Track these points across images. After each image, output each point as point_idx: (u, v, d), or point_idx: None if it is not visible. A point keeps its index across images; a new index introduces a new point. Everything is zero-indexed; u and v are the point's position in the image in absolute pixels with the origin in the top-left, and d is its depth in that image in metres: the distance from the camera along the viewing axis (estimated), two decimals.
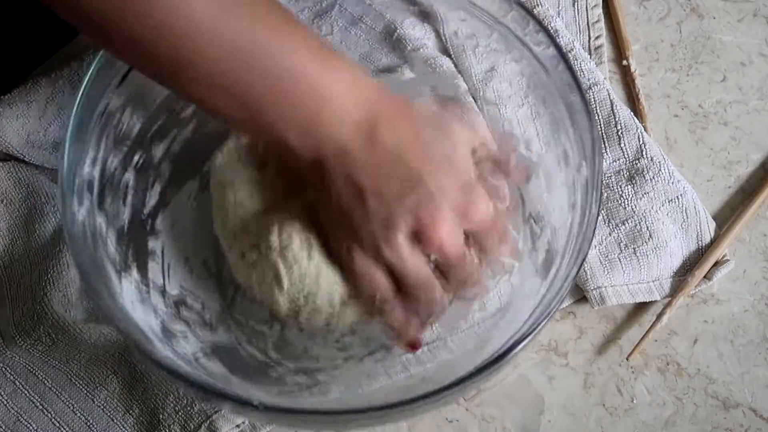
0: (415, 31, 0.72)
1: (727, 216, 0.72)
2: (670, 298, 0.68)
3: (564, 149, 0.63)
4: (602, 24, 0.79)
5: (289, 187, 0.60)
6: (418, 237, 0.55)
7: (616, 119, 0.72)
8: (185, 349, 0.61)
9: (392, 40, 0.71)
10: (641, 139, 0.71)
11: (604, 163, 0.71)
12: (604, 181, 0.69)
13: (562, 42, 0.75)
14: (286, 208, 0.59)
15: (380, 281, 0.56)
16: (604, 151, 0.72)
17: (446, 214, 0.54)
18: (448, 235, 0.55)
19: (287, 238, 0.58)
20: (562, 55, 0.61)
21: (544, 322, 0.54)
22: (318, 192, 0.56)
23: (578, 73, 0.73)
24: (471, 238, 0.57)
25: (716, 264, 0.69)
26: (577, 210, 0.59)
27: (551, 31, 0.75)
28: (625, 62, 0.78)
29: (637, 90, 0.77)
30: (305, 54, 0.51)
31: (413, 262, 0.56)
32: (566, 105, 0.62)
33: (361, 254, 0.56)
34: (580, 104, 0.60)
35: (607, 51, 0.78)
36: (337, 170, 0.54)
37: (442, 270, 0.57)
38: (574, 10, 0.79)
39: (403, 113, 0.55)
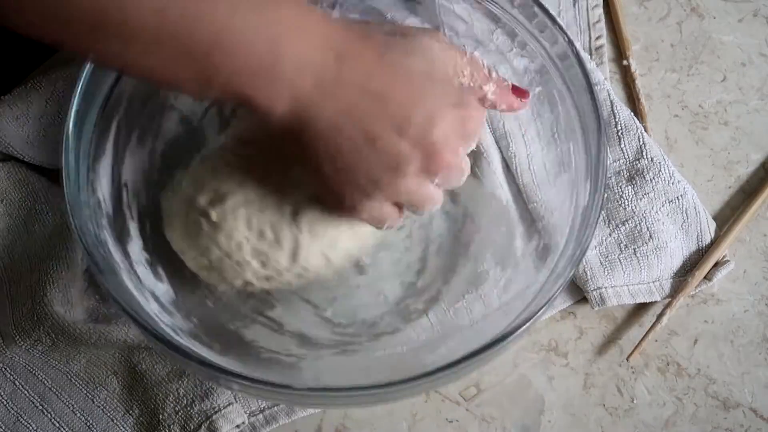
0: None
1: (727, 216, 0.72)
2: (670, 299, 0.68)
3: (568, 147, 0.63)
4: (603, 24, 0.79)
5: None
6: (425, 170, 0.53)
7: (616, 119, 0.72)
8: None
9: None
10: (641, 140, 0.71)
11: None
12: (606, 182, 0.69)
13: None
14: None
15: (390, 216, 0.55)
16: None
17: (448, 139, 0.52)
18: (452, 158, 0.53)
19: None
20: (575, 53, 0.61)
21: (537, 315, 0.55)
22: (301, 151, 0.52)
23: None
24: None
25: (716, 265, 0.69)
26: (579, 208, 0.60)
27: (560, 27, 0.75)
28: (625, 62, 0.78)
29: (637, 90, 0.77)
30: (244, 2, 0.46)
31: (423, 193, 0.54)
32: (576, 106, 0.62)
33: (368, 203, 0.54)
34: (589, 105, 0.60)
35: (607, 51, 0.78)
36: (318, 123, 0.50)
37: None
38: (575, 11, 0.79)
39: (362, 41, 0.51)
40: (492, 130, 0.70)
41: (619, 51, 0.79)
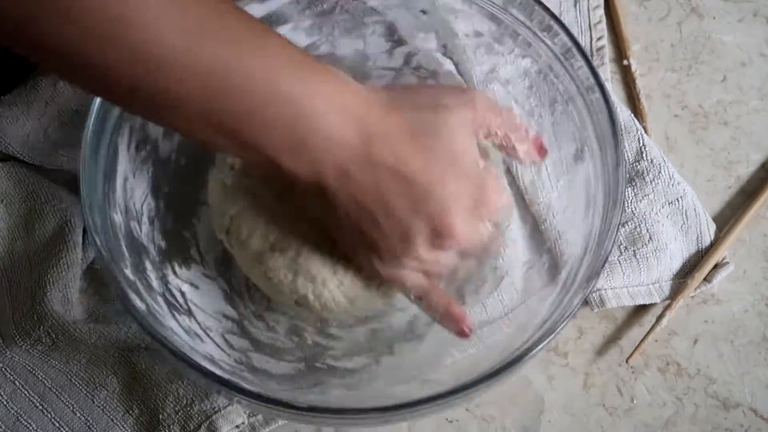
0: (416, 32, 0.72)
1: (727, 216, 0.72)
2: (670, 301, 0.68)
3: (577, 148, 0.63)
4: (603, 25, 0.79)
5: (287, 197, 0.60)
6: (437, 240, 0.55)
7: None
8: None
9: (393, 41, 0.71)
10: (641, 141, 0.71)
11: None
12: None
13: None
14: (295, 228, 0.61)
15: (409, 278, 0.58)
16: None
17: (460, 218, 0.55)
18: (464, 233, 0.55)
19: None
20: (580, 50, 0.61)
21: (552, 336, 0.55)
22: (326, 211, 0.55)
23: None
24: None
25: (716, 266, 0.69)
26: (594, 225, 0.60)
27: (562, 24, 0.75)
28: (625, 62, 0.78)
29: (637, 90, 0.77)
30: (284, 73, 0.49)
31: (434, 259, 0.56)
32: (585, 102, 0.62)
33: (383, 264, 0.57)
34: (600, 101, 0.60)
35: (607, 51, 0.78)
36: (342, 193, 0.53)
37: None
38: (576, 12, 0.79)
39: (395, 121, 0.54)
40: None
41: (620, 51, 0.79)
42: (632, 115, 0.73)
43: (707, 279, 0.69)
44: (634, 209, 0.70)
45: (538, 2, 0.63)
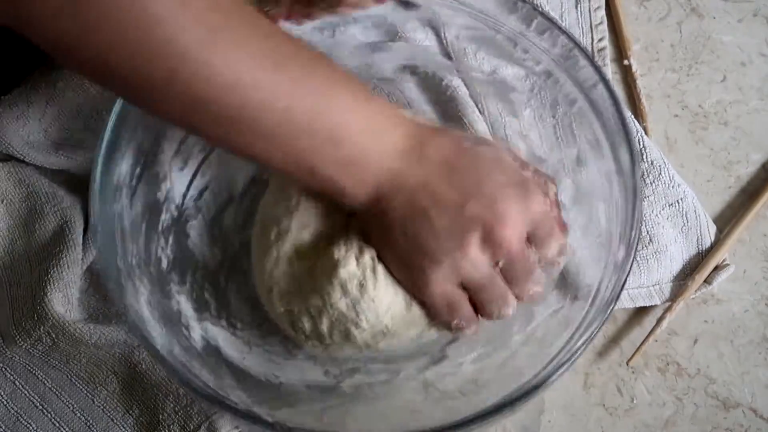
0: (417, 35, 0.72)
1: (727, 216, 0.72)
2: (670, 303, 0.68)
3: (580, 148, 0.63)
4: (605, 26, 0.79)
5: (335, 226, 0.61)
6: (487, 241, 0.55)
7: None
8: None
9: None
10: (641, 143, 0.71)
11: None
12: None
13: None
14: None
15: (460, 305, 0.57)
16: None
17: (509, 210, 0.55)
18: (513, 231, 0.55)
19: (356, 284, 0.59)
20: (582, 51, 0.61)
21: (578, 354, 0.54)
22: (379, 226, 0.57)
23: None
24: (528, 236, 0.57)
25: (716, 268, 0.69)
26: (610, 243, 0.59)
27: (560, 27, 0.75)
28: (625, 62, 0.78)
29: (637, 90, 0.77)
30: (350, 111, 0.53)
31: (487, 272, 0.56)
32: (588, 101, 0.62)
33: (437, 279, 0.56)
34: (605, 95, 0.60)
35: (608, 51, 0.78)
36: (395, 198, 0.55)
37: (506, 272, 0.57)
38: (577, 12, 0.79)
39: (443, 133, 0.57)
40: (492, 133, 0.70)
41: (620, 51, 0.79)
42: (632, 115, 0.73)
43: (707, 281, 0.69)
44: None
45: (539, 12, 0.63)
